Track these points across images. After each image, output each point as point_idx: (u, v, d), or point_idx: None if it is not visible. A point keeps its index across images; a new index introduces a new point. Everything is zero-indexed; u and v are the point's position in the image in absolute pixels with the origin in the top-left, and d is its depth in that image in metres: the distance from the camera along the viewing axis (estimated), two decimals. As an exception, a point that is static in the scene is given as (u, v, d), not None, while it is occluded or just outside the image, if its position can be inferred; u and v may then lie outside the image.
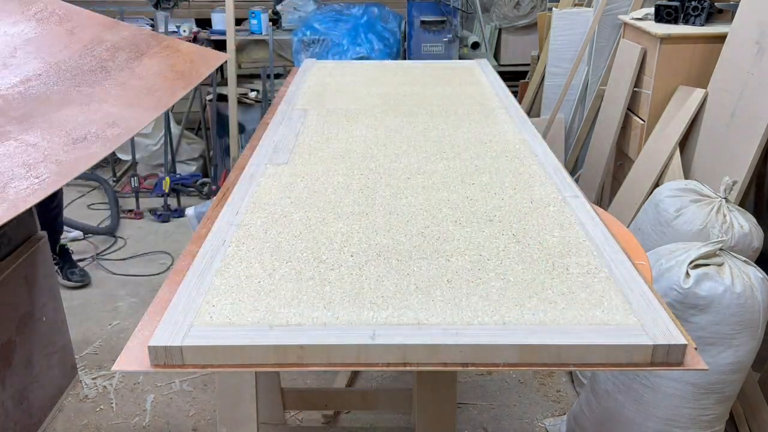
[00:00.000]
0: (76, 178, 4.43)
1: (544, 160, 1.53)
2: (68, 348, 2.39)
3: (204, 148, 4.41)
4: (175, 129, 4.17)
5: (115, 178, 4.28)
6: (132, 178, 3.88)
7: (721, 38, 2.44)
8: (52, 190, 1.27)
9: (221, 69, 3.98)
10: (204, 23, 4.42)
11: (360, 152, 1.58)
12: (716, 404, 1.80)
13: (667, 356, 0.89)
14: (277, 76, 4.29)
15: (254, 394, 1.36)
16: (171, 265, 3.34)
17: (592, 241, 1.16)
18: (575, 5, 3.73)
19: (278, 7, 4.42)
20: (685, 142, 2.53)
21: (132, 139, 3.88)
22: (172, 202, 3.94)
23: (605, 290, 1.01)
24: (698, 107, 2.46)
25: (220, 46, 4.03)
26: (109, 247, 3.50)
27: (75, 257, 3.22)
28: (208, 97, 4.17)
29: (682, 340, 0.89)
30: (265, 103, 4.24)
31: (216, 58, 1.97)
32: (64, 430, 2.22)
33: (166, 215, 3.82)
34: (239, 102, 3.98)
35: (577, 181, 3.20)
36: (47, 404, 2.24)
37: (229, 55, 2.21)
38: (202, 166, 4.39)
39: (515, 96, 2.21)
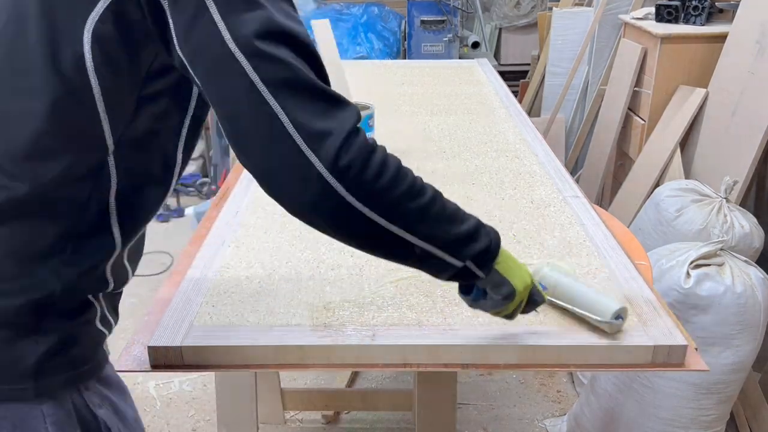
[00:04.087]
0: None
1: (544, 160, 1.53)
2: (68, 348, 2.39)
3: (204, 148, 4.41)
4: (175, 129, 4.16)
5: (115, 178, 4.28)
6: (132, 178, 3.88)
7: (721, 38, 2.43)
8: None
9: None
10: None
11: (360, 152, 1.57)
12: (717, 404, 1.80)
13: (668, 357, 0.89)
14: (278, 75, 4.28)
15: (254, 394, 1.36)
16: (171, 265, 3.34)
17: (592, 241, 1.16)
18: (575, 5, 3.73)
19: (278, 7, 4.42)
20: (685, 142, 2.53)
21: (132, 139, 3.88)
22: (172, 202, 3.93)
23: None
24: (699, 107, 2.46)
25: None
26: (109, 247, 3.49)
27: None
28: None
29: (682, 341, 0.89)
30: (265, 103, 4.23)
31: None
32: (64, 430, 2.21)
33: (166, 215, 3.81)
34: (239, 102, 3.97)
35: (577, 181, 3.20)
36: (47, 404, 2.23)
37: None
38: (202, 166, 4.38)
39: (515, 96, 2.21)
